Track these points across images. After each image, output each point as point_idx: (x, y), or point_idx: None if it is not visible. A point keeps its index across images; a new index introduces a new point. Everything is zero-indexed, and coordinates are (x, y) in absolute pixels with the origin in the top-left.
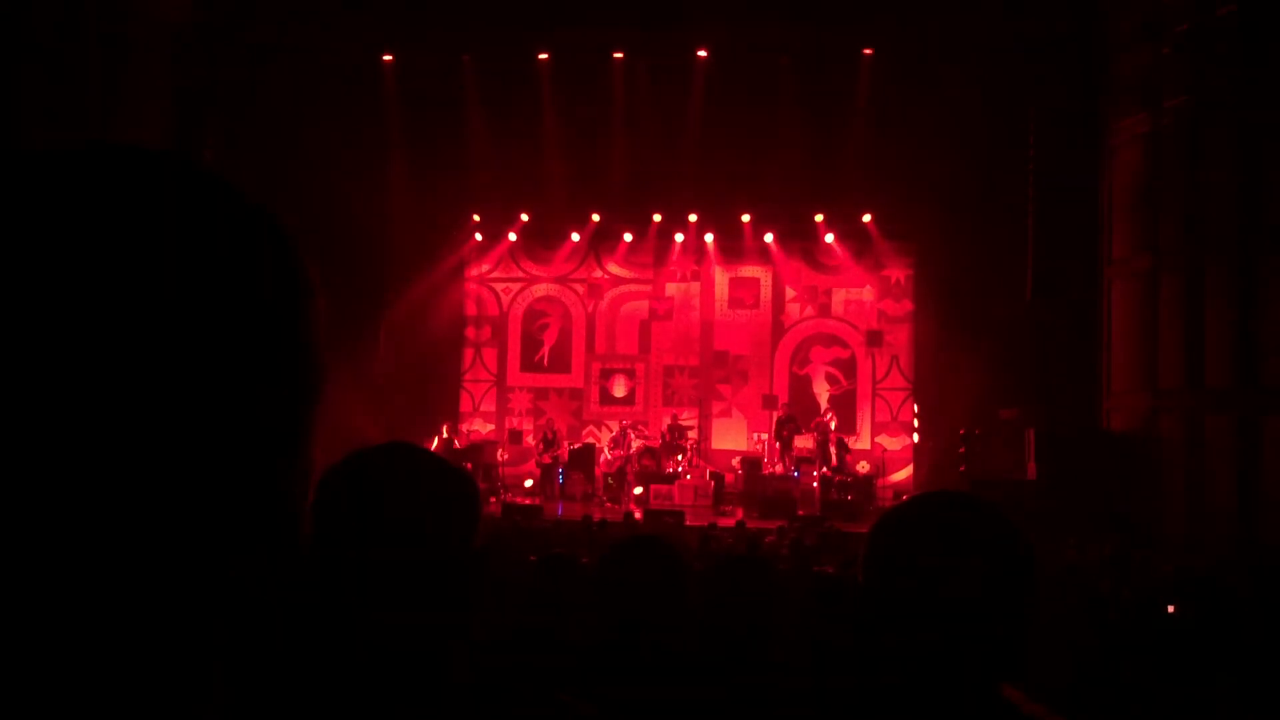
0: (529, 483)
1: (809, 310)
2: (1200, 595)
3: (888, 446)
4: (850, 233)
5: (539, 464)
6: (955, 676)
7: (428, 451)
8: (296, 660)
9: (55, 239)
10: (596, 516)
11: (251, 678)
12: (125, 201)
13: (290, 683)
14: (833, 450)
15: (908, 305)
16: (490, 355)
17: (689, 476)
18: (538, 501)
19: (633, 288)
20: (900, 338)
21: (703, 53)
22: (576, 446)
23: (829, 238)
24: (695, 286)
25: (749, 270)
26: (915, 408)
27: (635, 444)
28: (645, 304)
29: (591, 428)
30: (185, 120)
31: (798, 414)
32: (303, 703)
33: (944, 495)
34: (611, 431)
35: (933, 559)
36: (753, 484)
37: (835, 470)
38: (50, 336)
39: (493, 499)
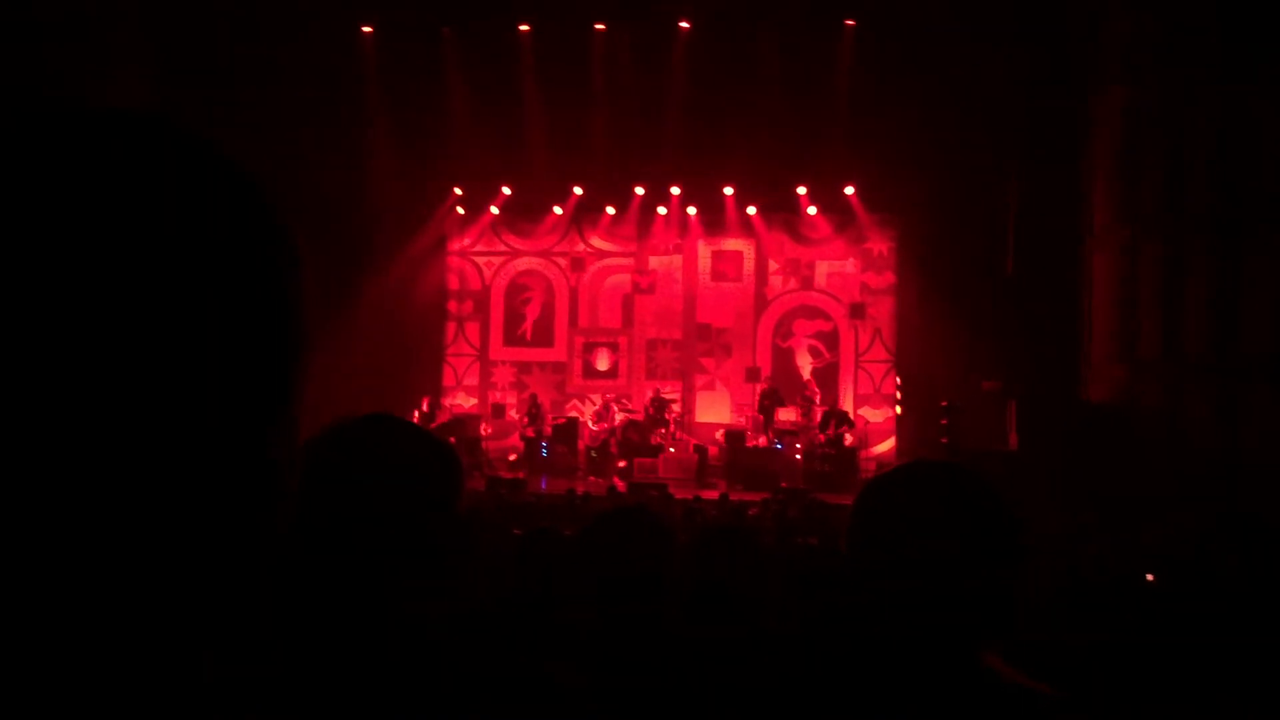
0: (513, 457)
1: (792, 283)
2: (1179, 564)
3: (870, 419)
4: (833, 205)
5: (522, 438)
6: (937, 645)
7: (409, 423)
8: (284, 636)
9: (38, 205)
10: (580, 490)
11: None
12: (109, 164)
13: (278, 658)
14: (832, 422)
15: (890, 278)
16: (473, 329)
17: (672, 450)
18: (521, 475)
19: (615, 261)
20: (883, 310)
21: (685, 24)
22: (560, 420)
23: (811, 210)
24: (678, 259)
25: (731, 243)
26: (897, 380)
27: (619, 417)
28: (628, 277)
29: (575, 401)
30: (163, 91)
31: (780, 387)
32: (291, 678)
33: (927, 464)
34: (595, 405)
35: (916, 528)
36: (736, 457)
37: (825, 444)
38: (33, 306)
39: (476, 473)
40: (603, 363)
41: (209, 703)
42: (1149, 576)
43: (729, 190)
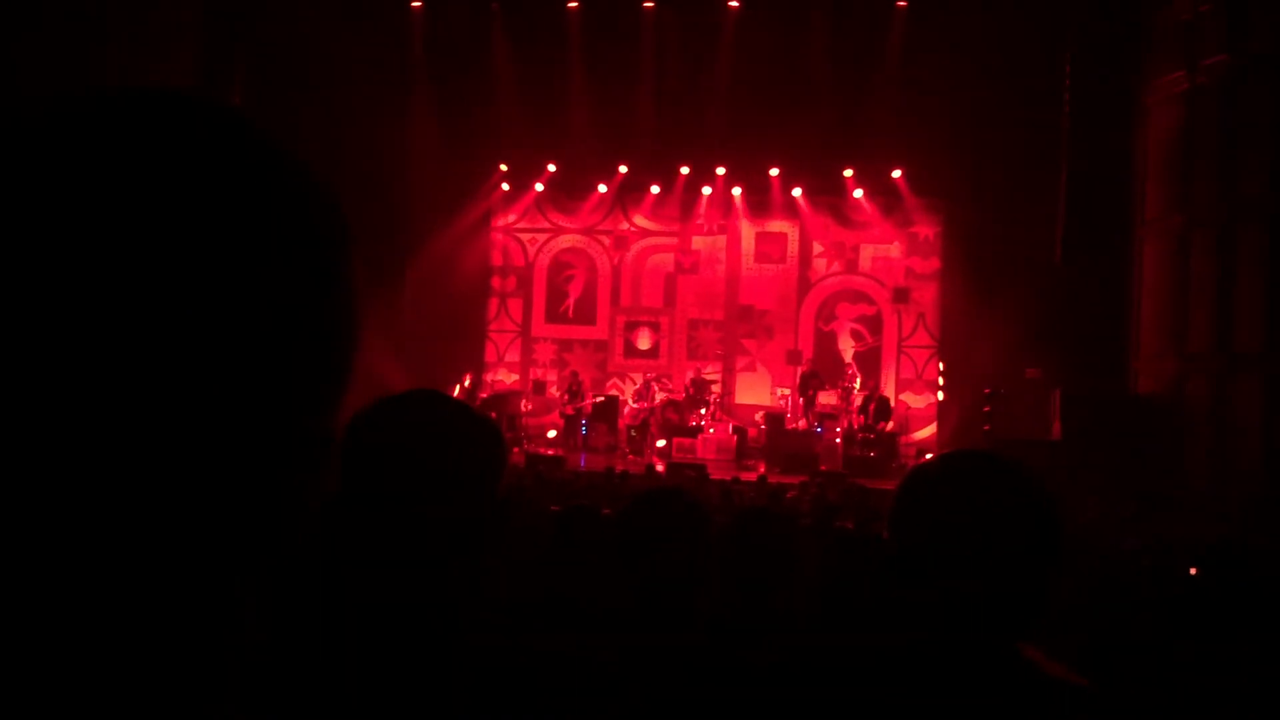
0: (552, 433)
1: (836, 266)
2: (1223, 559)
3: (912, 404)
4: (879, 189)
5: (562, 415)
6: (977, 634)
7: (454, 399)
8: (321, 608)
9: (83, 190)
10: (619, 468)
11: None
12: (160, 150)
13: (314, 632)
14: (872, 408)
15: (935, 263)
16: (515, 306)
17: (712, 430)
18: (561, 453)
19: (659, 240)
20: (927, 295)
21: (734, 3)
22: (600, 399)
23: (858, 193)
24: (722, 240)
25: (776, 225)
26: (940, 366)
27: (659, 397)
28: (671, 257)
29: (615, 380)
30: (211, 68)
31: (822, 370)
32: (328, 651)
33: (972, 454)
34: (635, 384)
35: (959, 517)
36: (775, 439)
37: (863, 428)
38: (79, 291)
39: (516, 449)
40: (644, 342)
41: (241, 674)
42: (1192, 570)
43: (774, 171)
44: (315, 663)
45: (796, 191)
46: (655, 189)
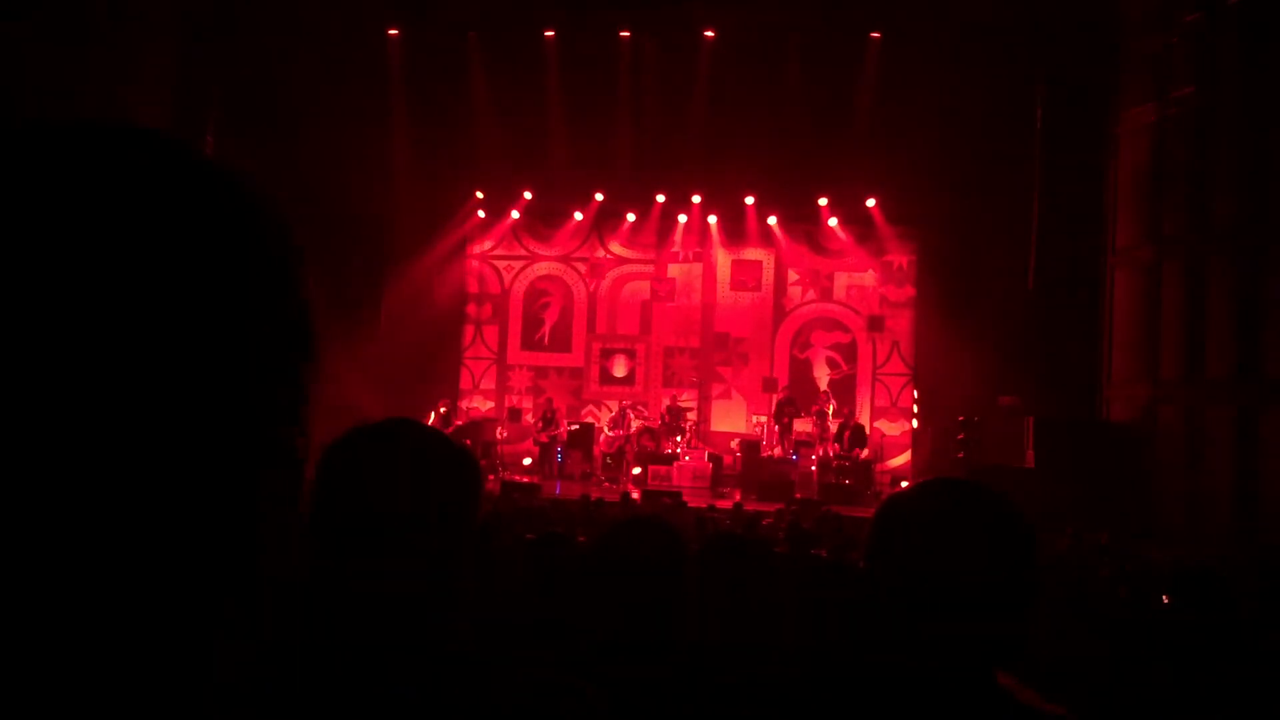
0: (528, 461)
1: (811, 294)
2: (1196, 587)
3: (886, 432)
4: (854, 217)
5: (537, 442)
6: (952, 664)
7: (429, 427)
8: (294, 636)
9: (34, 219)
10: (594, 496)
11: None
12: (95, 180)
13: (288, 660)
14: (846, 435)
15: (910, 291)
16: (491, 333)
17: (687, 458)
18: (536, 480)
19: (635, 268)
20: (901, 323)
21: (710, 33)
22: (575, 426)
23: (832, 221)
24: (697, 268)
25: (751, 253)
26: (915, 393)
27: (634, 424)
28: (647, 284)
29: (591, 407)
30: (189, 93)
31: (797, 397)
32: (301, 682)
33: (948, 482)
34: (611, 411)
35: (936, 546)
36: (751, 466)
37: (838, 456)
38: (36, 317)
39: (491, 476)
40: (620, 369)
41: (216, 704)
42: (1164, 599)
43: (750, 200)
44: (293, 688)
45: (772, 219)
46: (631, 216)
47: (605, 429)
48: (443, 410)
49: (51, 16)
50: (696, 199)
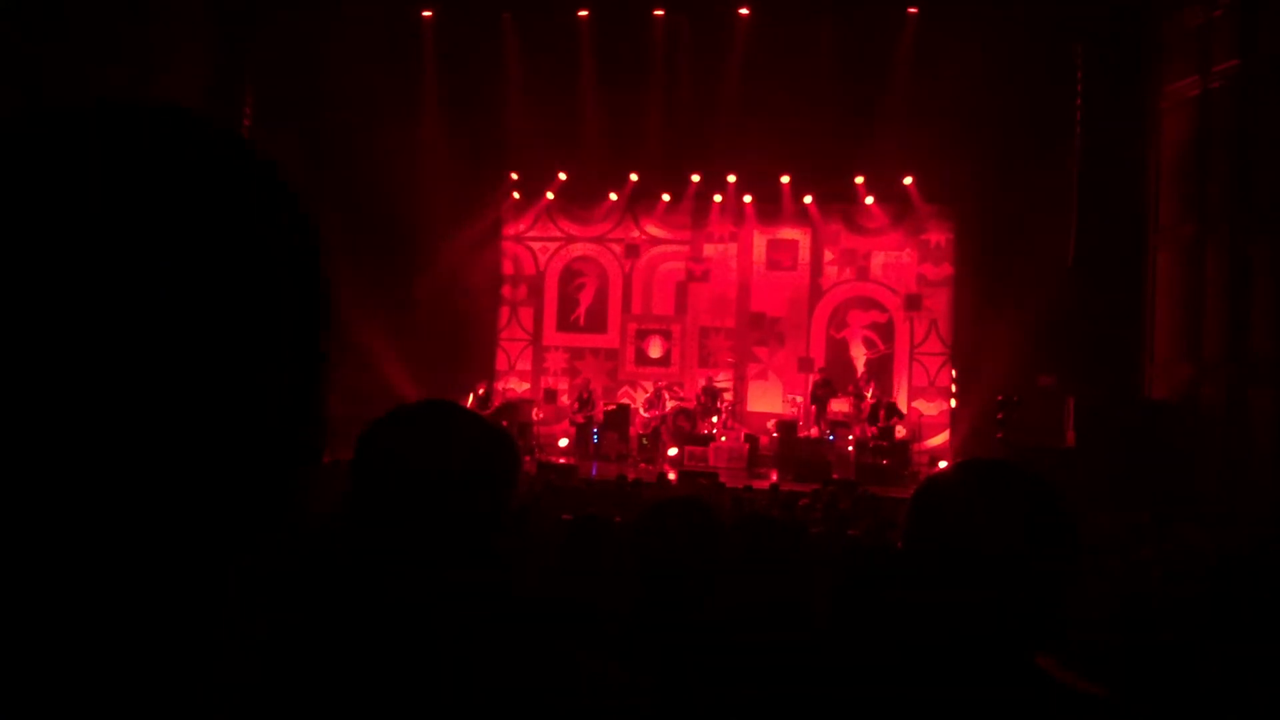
0: (564, 442)
1: (847, 273)
2: (1238, 568)
3: (924, 411)
4: (890, 195)
5: (574, 423)
6: (991, 644)
7: (467, 410)
8: (334, 618)
9: (60, 200)
10: (631, 477)
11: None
12: (123, 160)
13: (325, 637)
14: (881, 413)
15: (947, 269)
16: (526, 314)
17: (724, 438)
18: (573, 461)
19: (670, 248)
20: (939, 302)
21: (744, 11)
22: (611, 407)
23: (869, 200)
24: (733, 248)
25: (787, 232)
26: (953, 373)
27: (670, 405)
28: (682, 265)
29: (627, 388)
30: (222, 76)
31: (834, 377)
32: (337, 661)
33: (987, 463)
34: (647, 392)
35: (975, 527)
36: (787, 447)
37: (875, 436)
38: (62, 304)
39: (527, 458)
40: (655, 350)
41: (227, 690)
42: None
43: (785, 179)
44: (324, 671)
45: (807, 199)
46: (666, 197)
47: (641, 410)
48: (481, 392)
49: (84, 4)
50: (732, 179)
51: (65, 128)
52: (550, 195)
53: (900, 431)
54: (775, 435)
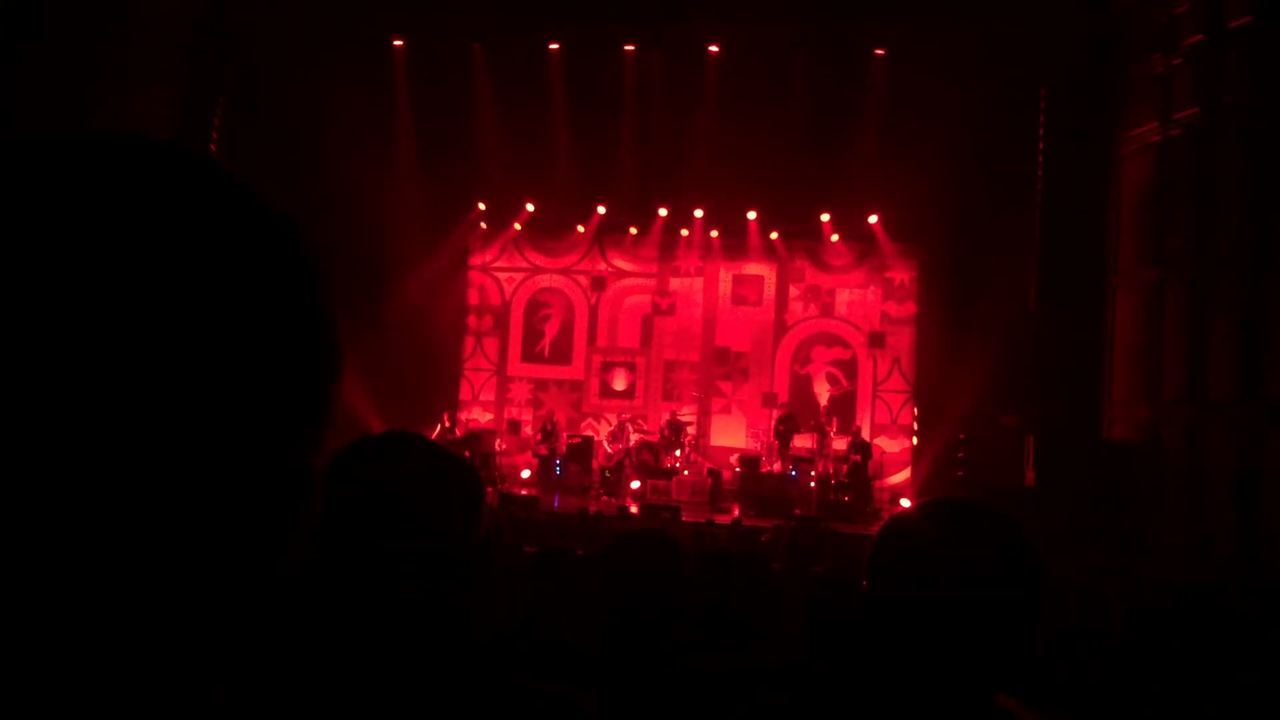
0: (526, 473)
1: (812, 309)
2: (1197, 608)
3: (886, 449)
4: (856, 233)
5: (536, 455)
6: (955, 686)
7: (431, 441)
8: (300, 648)
9: (53, 234)
10: (592, 509)
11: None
12: (122, 196)
13: (293, 672)
14: (855, 456)
15: (911, 308)
16: (491, 344)
17: (687, 472)
18: (535, 492)
19: (636, 281)
20: (902, 340)
21: (714, 48)
22: (575, 439)
23: (834, 237)
24: (699, 282)
25: (753, 268)
26: (915, 410)
27: (634, 438)
28: (648, 298)
29: (590, 420)
30: (193, 102)
31: (797, 413)
32: (304, 693)
33: (953, 503)
34: (610, 425)
35: (940, 566)
36: (750, 482)
37: (840, 466)
38: (57, 335)
39: (490, 489)
40: (620, 382)
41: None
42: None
43: (752, 215)
44: (300, 698)
45: (773, 235)
46: (633, 230)
47: (605, 442)
48: (448, 423)
49: (57, 24)
50: (699, 213)
51: (64, 163)
52: (518, 226)
53: (868, 463)
54: (738, 470)
